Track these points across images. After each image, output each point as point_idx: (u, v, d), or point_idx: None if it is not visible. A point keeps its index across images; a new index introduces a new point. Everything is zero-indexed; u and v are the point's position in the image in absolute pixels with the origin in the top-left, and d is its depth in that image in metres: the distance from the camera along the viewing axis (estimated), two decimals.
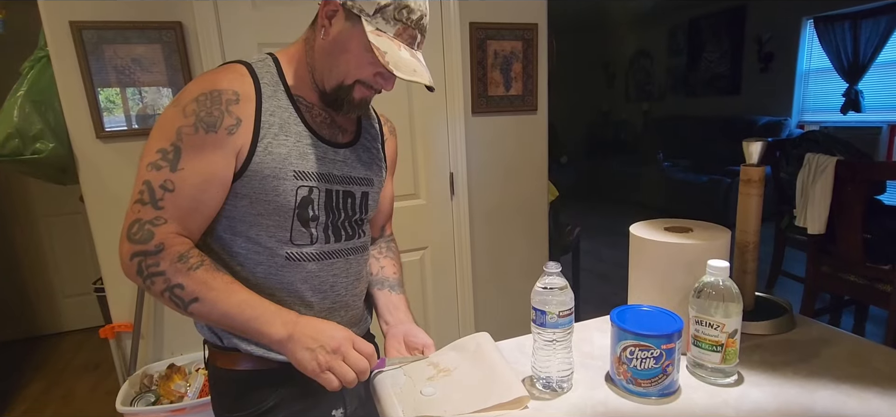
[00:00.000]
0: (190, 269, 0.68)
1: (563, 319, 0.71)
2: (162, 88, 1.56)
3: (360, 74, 0.75)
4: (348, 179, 0.83)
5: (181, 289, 0.68)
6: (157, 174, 0.68)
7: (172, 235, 0.69)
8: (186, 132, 0.69)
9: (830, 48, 4.35)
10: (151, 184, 0.68)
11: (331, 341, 0.70)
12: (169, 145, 0.69)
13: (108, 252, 1.64)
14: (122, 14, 1.49)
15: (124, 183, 1.60)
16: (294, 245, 0.77)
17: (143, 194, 0.68)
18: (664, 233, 0.86)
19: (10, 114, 1.40)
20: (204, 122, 0.69)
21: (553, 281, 0.72)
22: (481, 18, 1.88)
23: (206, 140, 0.69)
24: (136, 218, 0.68)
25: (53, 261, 3.02)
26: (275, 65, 0.79)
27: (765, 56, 4.91)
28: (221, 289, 0.69)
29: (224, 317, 0.69)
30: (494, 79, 1.93)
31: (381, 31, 0.71)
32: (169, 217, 0.68)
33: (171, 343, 1.78)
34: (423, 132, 1.90)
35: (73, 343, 2.97)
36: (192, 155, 0.69)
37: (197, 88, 0.71)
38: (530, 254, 2.19)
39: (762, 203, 0.93)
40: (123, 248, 0.68)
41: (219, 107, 0.70)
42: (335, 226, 0.81)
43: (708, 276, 0.74)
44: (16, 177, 2.77)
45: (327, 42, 0.75)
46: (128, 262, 0.68)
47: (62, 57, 1.46)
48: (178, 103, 0.70)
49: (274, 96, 0.76)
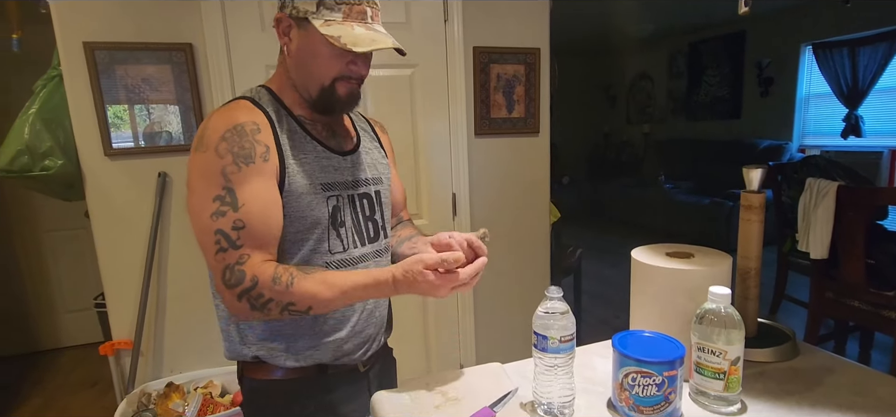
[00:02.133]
0: (288, 287, 0.71)
1: (565, 344, 0.71)
2: (169, 105, 1.59)
3: (333, 71, 0.77)
4: (363, 182, 0.87)
5: (294, 306, 0.73)
6: (225, 219, 0.71)
7: (259, 264, 0.72)
8: (231, 171, 0.71)
9: (830, 74, 4.40)
10: (223, 230, 0.71)
11: (420, 277, 0.74)
12: (222, 190, 0.71)
13: (111, 267, 1.65)
14: (134, 35, 1.52)
15: (129, 199, 1.62)
16: (332, 254, 0.82)
17: (221, 242, 0.71)
18: (666, 259, 0.87)
19: (21, 132, 1.42)
20: (241, 157, 0.72)
21: (555, 305, 0.72)
22: (485, 43, 1.91)
23: (250, 171, 0.72)
24: (224, 266, 0.71)
25: (55, 276, 3.03)
26: (269, 93, 0.82)
27: (765, 80, 4.96)
28: (323, 289, 0.73)
29: (341, 304, 0.77)
30: (497, 102, 1.96)
31: (330, 21, 0.74)
32: (250, 251, 0.72)
33: (170, 361, 1.77)
34: (426, 152, 1.92)
35: (72, 358, 2.95)
36: (245, 189, 0.72)
37: (220, 126, 0.73)
38: (532, 276, 2.18)
39: (763, 229, 0.93)
40: (227, 296, 0.72)
41: (247, 139, 0.73)
42: (359, 230, 0.86)
43: (710, 303, 0.74)
44: (21, 191, 2.80)
45: (294, 56, 0.79)
46: (238, 304, 0.72)
47: (74, 76, 1.49)
48: (207, 147, 0.72)
49: (281, 120, 0.79)
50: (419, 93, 1.87)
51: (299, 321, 0.81)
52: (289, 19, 0.77)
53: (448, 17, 1.85)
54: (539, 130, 2.06)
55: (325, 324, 0.83)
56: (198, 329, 1.76)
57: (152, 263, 1.65)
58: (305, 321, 0.81)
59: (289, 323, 0.81)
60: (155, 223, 1.64)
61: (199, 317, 1.75)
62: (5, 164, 1.44)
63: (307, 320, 0.81)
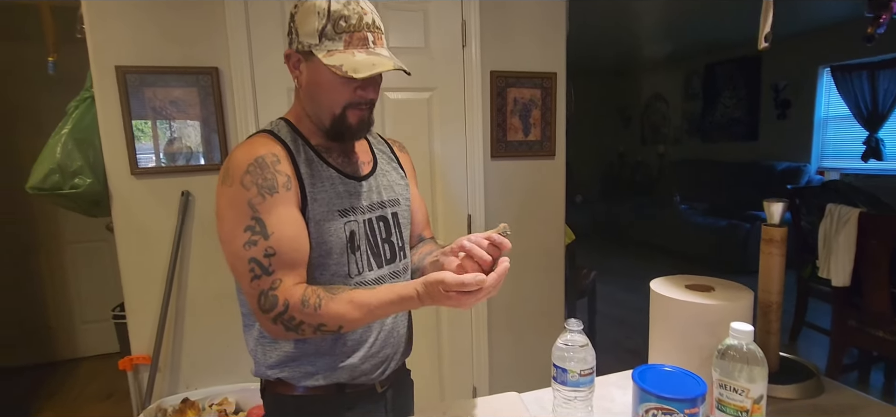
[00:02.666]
0: (316, 309, 0.75)
1: (585, 378, 0.71)
2: (194, 126, 1.63)
3: (342, 99, 0.80)
4: (380, 205, 0.89)
5: (325, 327, 0.76)
6: (257, 248, 0.74)
7: (290, 288, 0.75)
8: (257, 202, 0.75)
9: (848, 96, 4.34)
10: (257, 258, 0.74)
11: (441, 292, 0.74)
12: (251, 220, 0.75)
13: (133, 283, 1.68)
14: (163, 59, 1.58)
15: (152, 215, 1.66)
16: (351, 278, 0.84)
17: (255, 269, 0.74)
18: (685, 292, 0.86)
19: (54, 151, 1.47)
20: (265, 188, 0.75)
21: (574, 338, 0.72)
22: (502, 67, 1.94)
23: (275, 201, 0.76)
24: (259, 292, 0.75)
25: (75, 287, 3.09)
26: (287, 125, 0.85)
27: (781, 103, 4.92)
28: (350, 309, 0.76)
29: (368, 321, 0.79)
30: (513, 125, 1.98)
31: (332, 51, 0.77)
32: (282, 276, 0.75)
33: (186, 377, 1.79)
34: (442, 174, 1.94)
35: (89, 370, 2.99)
36: (272, 218, 0.75)
37: (243, 160, 0.76)
38: (546, 299, 2.17)
39: (785, 262, 0.93)
40: (263, 321, 0.76)
41: (269, 171, 0.76)
42: (376, 252, 0.87)
43: (731, 339, 0.74)
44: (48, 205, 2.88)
45: (304, 88, 0.83)
46: (273, 327, 0.76)
47: (105, 98, 1.54)
48: (232, 181, 0.76)
49: (300, 151, 0.82)
50: (436, 116, 1.89)
51: (320, 342, 0.83)
52: (296, 54, 0.81)
53: (466, 41, 1.89)
54: (555, 153, 2.07)
55: (343, 345, 0.85)
56: (214, 345, 1.79)
57: (173, 280, 1.68)
58: (325, 342, 0.84)
59: (310, 345, 0.83)
60: (177, 240, 1.67)
61: (215, 334, 1.78)
62: (37, 182, 1.49)
63: (327, 340, 0.84)
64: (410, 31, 1.81)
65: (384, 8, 1.77)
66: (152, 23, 1.57)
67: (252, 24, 1.65)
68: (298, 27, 0.79)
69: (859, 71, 4.22)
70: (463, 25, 1.88)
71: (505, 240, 0.80)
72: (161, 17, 1.57)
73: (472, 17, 1.87)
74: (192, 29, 1.61)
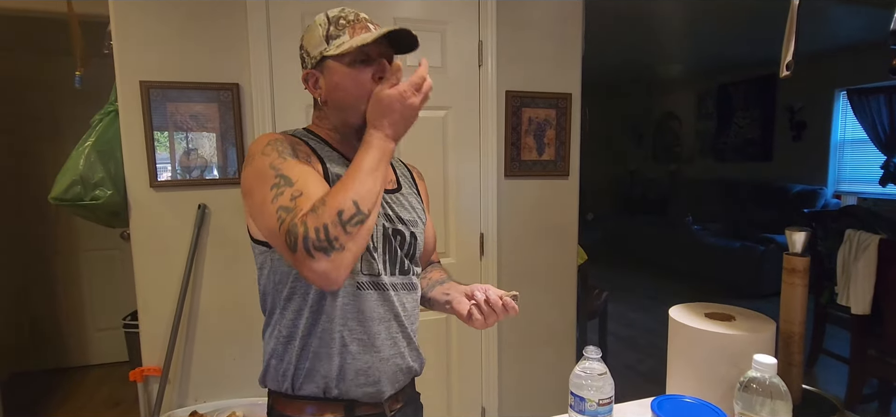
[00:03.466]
0: (324, 202, 0.69)
1: (603, 408, 0.70)
2: (212, 140, 1.66)
3: (366, 89, 0.80)
4: (399, 219, 0.89)
5: (343, 212, 0.68)
6: (283, 197, 0.71)
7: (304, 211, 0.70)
8: (279, 161, 0.75)
9: (866, 120, 4.30)
10: (283, 205, 0.71)
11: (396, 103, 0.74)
12: (275, 178, 0.73)
13: (147, 293, 1.70)
14: (186, 75, 1.62)
15: (169, 227, 1.68)
16: (363, 274, 0.83)
17: (281, 214, 0.70)
18: (705, 320, 0.85)
19: (77, 163, 1.51)
20: (286, 152, 0.77)
21: (593, 366, 0.71)
22: (517, 87, 1.95)
23: (296, 161, 0.76)
24: (285, 232, 0.69)
25: (88, 294, 3.13)
26: (310, 133, 0.87)
27: (796, 124, 4.88)
28: (347, 182, 0.71)
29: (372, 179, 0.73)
30: (528, 145, 1.98)
31: (340, 44, 0.80)
32: (306, 208, 0.70)
33: (195, 389, 1.79)
34: (455, 192, 1.94)
35: (98, 377, 3.01)
36: (296, 169, 0.75)
37: (263, 140, 0.79)
38: (558, 319, 2.15)
39: (807, 292, 0.91)
40: (302, 264, 0.68)
41: (289, 145, 0.78)
42: (393, 260, 0.87)
43: (754, 371, 0.73)
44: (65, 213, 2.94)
45: (327, 100, 0.84)
46: (314, 264, 0.68)
47: (129, 112, 1.58)
48: (254, 156, 0.77)
49: (323, 149, 0.84)
50: (451, 134, 1.91)
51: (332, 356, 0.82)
52: (312, 72, 0.83)
53: (482, 61, 1.91)
54: (569, 173, 2.07)
55: (354, 362, 0.83)
56: (224, 359, 1.79)
57: (186, 292, 1.70)
58: (334, 361, 0.82)
59: (323, 358, 0.82)
60: (192, 252, 1.69)
61: (226, 348, 1.78)
62: (60, 193, 1.52)
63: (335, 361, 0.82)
64: (428, 50, 1.84)
65: None
66: (177, 40, 1.61)
67: (273, 41, 1.68)
68: (307, 47, 0.83)
69: (876, 94, 4.18)
70: (480, 46, 1.90)
71: (515, 306, 0.86)
72: (186, 35, 1.61)
73: (488, 38, 1.89)
74: (216, 46, 1.64)
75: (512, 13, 1.93)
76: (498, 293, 0.87)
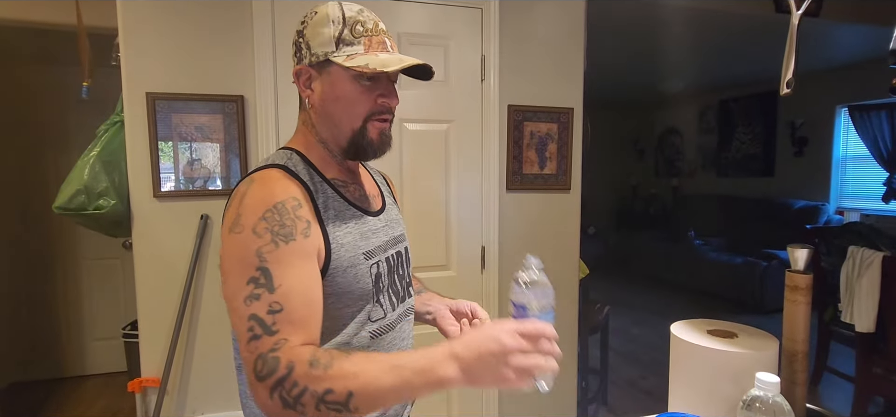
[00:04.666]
0: (326, 368, 0.60)
1: (545, 314, 0.69)
2: (209, 144, 1.67)
3: (363, 110, 0.74)
4: (395, 241, 0.85)
5: (332, 393, 0.59)
6: (259, 303, 0.63)
7: (297, 349, 0.62)
8: (267, 251, 0.64)
9: (867, 136, 4.30)
10: (258, 315, 0.62)
11: (493, 344, 0.60)
12: (255, 271, 0.64)
13: (148, 304, 1.70)
14: (193, 87, 1.63)
15: (172, 237, 1.69)
16: (372, 322, 0.77)
17: (254, 329, 0.62)
18: (708, 337, 0.85)
19: (82, 173, 1.52)
20: (280, 235, 0.65)
21: (532, 275, 0.71)
22: (520, 101, 1.97)
23: (288, 250, 0.66)
24: (257, 356, 0.61)
25: (88, 303, 3.12)
26: (300, 157, 0.77)
27: (798, 140, 4.88)
28: (366, 368, 0.60)
29: (388, 393, 0.60)
30: (529, 158, 1.99)
31: (353, 55, 0.72)
32: (288, 335, 0.62)
33: (193, 401, 1.78)
34: (457, 205, 1.95)
35: (95, 387, 2.99)
36: (282, 269, 0.64)
37: (259, 206, 0.67)
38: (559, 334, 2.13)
39: (810, 310, 0.91)
40: (259, 392, 0.61)
41: (288, 217, 0.67)
42: (396, 291, 0.82)
43: (757, 390, 0.72)
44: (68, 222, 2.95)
45: (318, 106, 0.75)
46: (270, 402, 0.60)
47: (134, 123, 1.60)
48: (243, 228, 0.65)
49: (318, 189, 0.75)
50: (454, 148, 1.92)
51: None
52: (309, 69, 0.74)
53: (485, 75, 1.92)
54: (570, 187, 2.07)
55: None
56: (223, 371, 1.78)
57: (187, 303, 1.70)
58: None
59: None
60: (193, 263, 1.69)
61: (225, 360, 1.76)
62: (63, 202, 1.53)
63: None
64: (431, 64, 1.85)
65: (408, 43, 1.81)
66: (184, 52, 1.63)
67: (278, 54, 1.70)
68: (310, 40, 0.74)
69: (877, 111, 4.19)
70: (482, 60, 1.91)
71: None
72: (193, 47, 1.63)
73: (491, 52, 1.91)
74: (222, 59, 1.66)
75: (515, 28, 1.95)
76: (484, 316, 0.84)
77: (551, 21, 1.99)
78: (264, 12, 1.67)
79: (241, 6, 1.66)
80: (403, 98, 0.79)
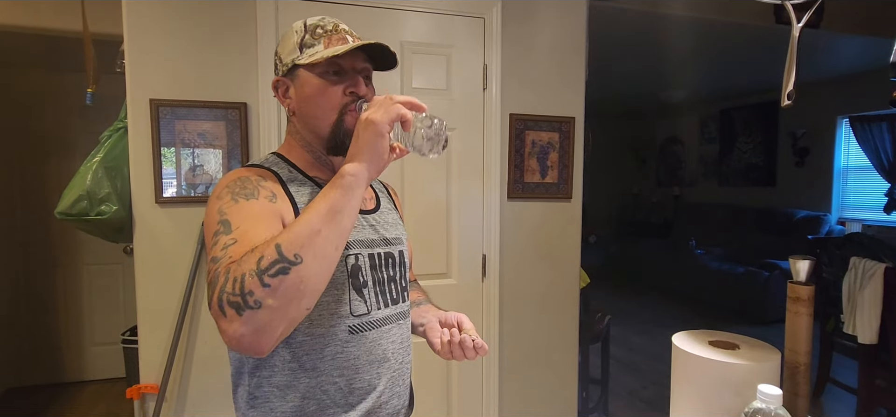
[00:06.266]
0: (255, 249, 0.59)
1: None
2: (211, 150, 1.67)
3: (335, 102, 0.77)
4: (385, 241, 0.85)
5: (264, 259, 0.57)
6: (216, 247, 0.64)
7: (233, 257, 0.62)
8: (228, 205, 0.68)
9: (868, 147, 4.30)
10: (217, 257, 0.63)
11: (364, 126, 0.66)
12: (217, 225, 0.66)
13: (148, 310, 1.69)
14: (197, 94, 1.64)
15: (173, 243, 1.69)
16: (354, 316, 0.77)
17: (210, 264, 0.63)
18: (709, 348, 0.84)
19: (84, 178, 1.52)
20: (241, 194, 0.70)
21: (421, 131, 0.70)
22: (521, 110, 1.97)
23: (248, 205, 0.68)
24: (208, 282, 0.61)
25: (88, 309, 3.12)
26: (279, 157, 0.82)
27: (799, 150, 4.89)
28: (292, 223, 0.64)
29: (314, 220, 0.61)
30: (531, 167, 1.99)
31: (313, 53, 0.76)
32: (235, 256, 0.61)
33: (192, 407, 1.78)
34: (458, 213, 1.95)
35: (94, 393, 2.98)
36: (241, 213, 0.67)
37: (224, 182, 0.73)
38: (560, 343, 2.13)
39: (813, 321, 0.90)
40: (221, 326, 0.58)
41: (251, 184, 0.72)
42: (383, 291, 0.82)
43: (759, 402, 0.72)
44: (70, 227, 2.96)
45: (297, 110, 0.80)
46: (232, 328, 0.57)
47: (138, 130, 1.60)
48: (210, 202, 0.71)
49: (294, 180, 0.79)
50: (455, 156, 1.92)
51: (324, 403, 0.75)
52: (283, 79, 0.80)
53: (487, 84, 1.93)
54: (571, 196, 2.07)
55: (350, 396, 0.78)
56: (222, 379, 1.77)
57: (187, 310, 1.70)
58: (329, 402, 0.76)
59: (316, 402, 0.75)
60: (194, 269, 1.69)
61: (224, 367, 1.75)
62: (66, 208, 1.53)
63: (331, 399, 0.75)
64: (433, 73, 1.87)
65: (410, 52, 1.83)
66: (189, 59, 1.64)
67: None
68: (281, 53, 0.80)
69: (878, 122, 4.19)
70: (484, 69, 1.92)
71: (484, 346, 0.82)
72: (197, 54, 1.65)
73: (493, 62, 1.92)
74: (225, 66, 1.67)
75: (517, 37, 1.96)
76: (469, 328, 0.85)
77: (553, 30, 2.00)
78: (268, 21, 1.68)
79: (247, 14, 1.68)
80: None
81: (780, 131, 5.08)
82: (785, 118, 5.00)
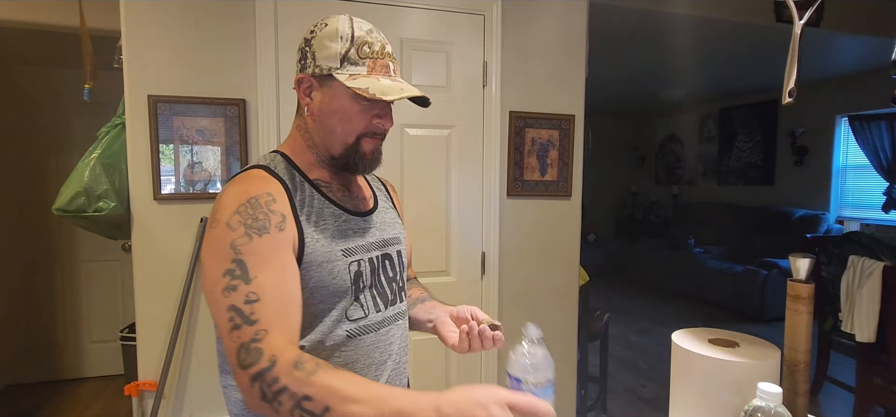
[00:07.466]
0: (310, 374, 0.61)
1: (540, 388, 0.68)
2: (210, 147, 1.67)
3: (358, 127, 0.76)
4: (384, 243, 0.85)
5: (309, 401, 0.60)
6: (236, 294, 0.65)
7: (280, 344, 0.64)
8: (241, 243, 0.67)
9: (867, 146, 4.31)
10: (236, 305, 0.65)
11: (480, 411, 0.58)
12: (231, 263, 0.66)
13: (146, 307, 1.69)
14: (195, 90, 1.64)
15: (172, 240, 1.68)
16: (350, 321, 0.77)
17: (234, 319, 0.65)
18: (709, 347, 0.84)
19: (82, 174, 1.52)
20: (253, 228, 0.68)
21: (530, 347, 0.69)
22: (521, 108, 1.97)
23: (263, 243, 0.68)
24: (239, 345, 0.64)
25: (86, 306, 3.10)
26: (284, 159, 0.80)
27: (798, 149, 4.89)
28: (349, 390, 0.61)
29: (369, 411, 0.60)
30: (530, 165, 1.99)
31: (355, 75, 0.74)
32: (267, 326, 0.65)
33: (191, 405, 1.77)
34: (457, 210, 1.94)
35: (92, 390, 2.97)
36: (257, 261, 0.67)
37: (233, 201, 0.70)
38: (559, 341, 2.13)
39: (812, 320, 0.90)
40: (241, 379, 0.63)
41: (261, 211, 0.70)
42: (382, 293, 0.82)
43: (759, 400, 0.72)
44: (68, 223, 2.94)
45: (316, 115, 0.78)
46: (250, 389, 0.63)
47: (136, 126, 1.60)
48: (219, 222, 0.69)
49: (298, 188, 0.77)
50: (455, 153, 1.92)
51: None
52: (310, 78, 0.77)
53: (487, 82, 1.93)
54: (571, 194, 2.07)
55: None
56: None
57: (185, 306, 1.69)
58: None
59: None
60: (192, 266, 1.69)
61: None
62: (63, 204, 1.52)
63: None
64: (433, 70, 1.86)
65: (410, 48, 1.82)
66: (187, 55, 1.63)
67: (281, 59, 1.71)
68: (316, 51, 0.75)
69: (877, 121, 4.19)
70: (484, 66, 1.92)
71: (501, 338, 0.82)
72: (195, 51, 1.64)
73: (493, 59, 1.92)
74: (224, 62, 1.67)
75: (517, 35, 1.95)
76: (484, 318, 0.84)
77: (553, 28, 2.00)
78: (267, 17, 1.68)
79: (245, 10, 1.67)
80: (405, 102, 0.79)
81: (779, 130, 5.08)
82: (784, 117, 4.99)
